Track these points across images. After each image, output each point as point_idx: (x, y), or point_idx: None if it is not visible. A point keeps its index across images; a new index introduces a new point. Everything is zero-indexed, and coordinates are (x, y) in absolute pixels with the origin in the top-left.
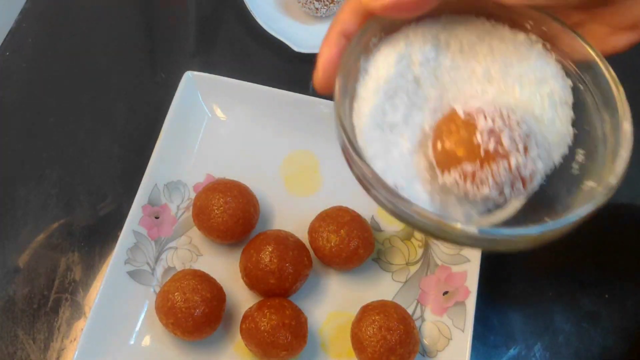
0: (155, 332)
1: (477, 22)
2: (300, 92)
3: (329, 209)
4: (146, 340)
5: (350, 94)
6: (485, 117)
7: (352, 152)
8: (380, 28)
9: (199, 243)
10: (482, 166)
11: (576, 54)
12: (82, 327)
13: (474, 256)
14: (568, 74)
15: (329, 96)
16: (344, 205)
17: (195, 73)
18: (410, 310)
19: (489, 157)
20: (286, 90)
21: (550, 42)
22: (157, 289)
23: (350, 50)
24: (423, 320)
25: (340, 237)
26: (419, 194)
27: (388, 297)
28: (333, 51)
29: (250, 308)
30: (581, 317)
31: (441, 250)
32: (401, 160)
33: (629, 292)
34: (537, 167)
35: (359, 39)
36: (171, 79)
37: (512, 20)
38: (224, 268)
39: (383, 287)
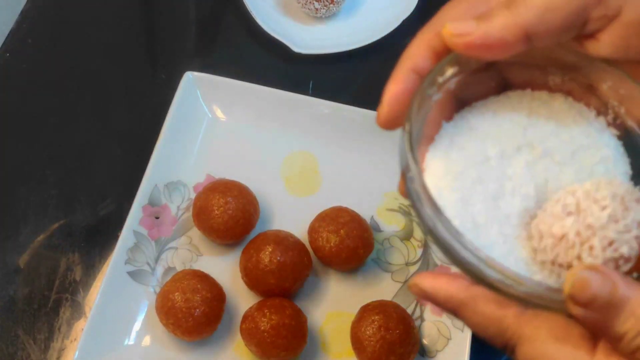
0: (155, 332)
1: (556, 99)
2: (300, 92)
3: (329, 209)
4: (146, 340)
5: (419, 138)
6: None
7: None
8: (456, 66)
9: (199, 243)
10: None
11: None
12: (82, 327)
13: None
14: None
15: (329, 97)
16: (344, 205)
17: (196, 73)
18: (409, 310)
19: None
20: (286, 90)
21: (624, 105)
22: (157, 289)
23: (422, 91)
24: (422, 320)
25: (339, 237)
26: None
27: (387, 297)
28: (400, 87)
29: (250, 308)
30: None
31: (440, 251)
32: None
33: None
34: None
35: (433, 79)
36: (171, 79)
37: (587, 83)
38: (224, 268)
39: (382, 287)
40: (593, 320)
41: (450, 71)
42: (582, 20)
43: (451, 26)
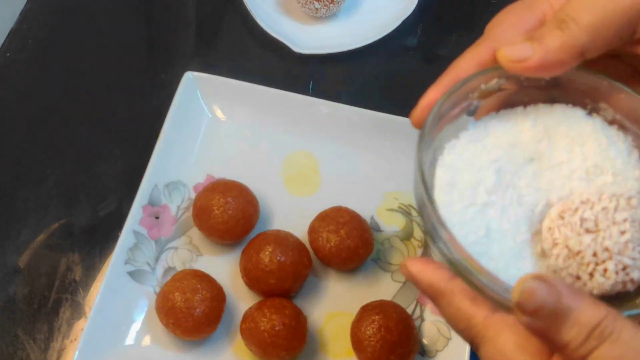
0: (155, 332)
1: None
2: (300, 92)
3: (329, 209)
4: (146, 340)
5: (435, 146)
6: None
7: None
8: (504, 79)
9: (199, 243)
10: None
11: None
12: (82, 327)
13: None
14: None
15: (329, 97)
16: (344, 205)
17: (196, 73)
18: (409, 310)
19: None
20: (286, 90)
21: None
22: (157, 289)
23: (448, 97)
24: (422, 320)
25: (339, 237)
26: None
27: (387, 297)
28: (439, 94)
29: (250, 308)
30: None
31: (440, 251)
32: (504, 246)
33: None
34: None
35: (464, 88)
36: (171, 79)
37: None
38: (224, 268)
39: (382, 287)
40: (539, 328)
41: (494, 82)
42: (632, 30)
43: (507, 51)
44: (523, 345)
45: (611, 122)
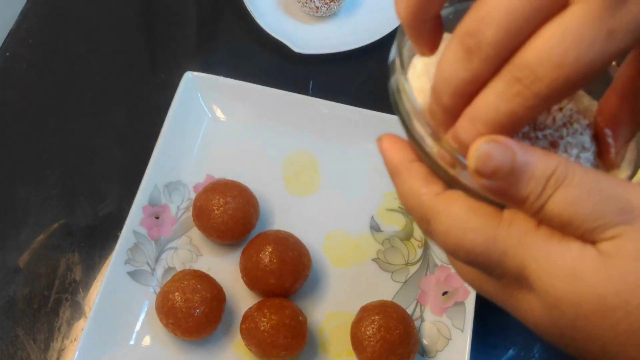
0: (155, 332)
1: None
2: (300, 92)
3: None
4: (146, 340)
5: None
6: None
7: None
8: None
9: (199, 243)
10: None
11: None
12: (82, 327)
13: None
14: None
15: (329, 97)
16: (345, 204)
17: (196, 73)
18: (409, 311)
19: None
20: (286, 90)
21: None
22: (157, 289)
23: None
24: (422, 320)
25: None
26: None
27: (388, 297)
28: None
29: (250, 308)
30: None
31: (440, 250)
32: None
33: None
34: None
35: None
36: (171, 79)
37: None
38: (224, 268)
39: (383, 287)
40: (498, 188)
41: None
42: None
43: None
44: (475, 209)
45: None
